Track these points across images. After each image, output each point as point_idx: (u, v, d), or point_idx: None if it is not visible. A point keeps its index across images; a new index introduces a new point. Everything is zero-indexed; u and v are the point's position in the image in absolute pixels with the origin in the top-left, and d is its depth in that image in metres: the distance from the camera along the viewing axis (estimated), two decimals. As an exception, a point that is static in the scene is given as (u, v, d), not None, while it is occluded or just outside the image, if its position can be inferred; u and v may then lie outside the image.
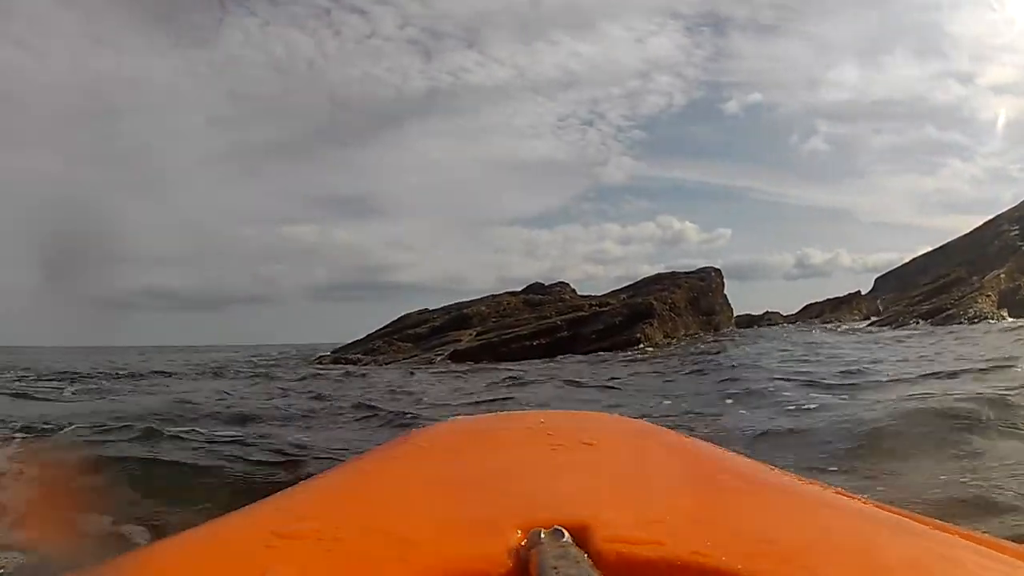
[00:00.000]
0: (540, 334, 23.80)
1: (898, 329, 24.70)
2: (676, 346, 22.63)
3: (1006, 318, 24.73)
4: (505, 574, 0.62)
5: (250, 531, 0.74)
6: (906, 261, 44.79)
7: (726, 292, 29.53)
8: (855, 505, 0.88)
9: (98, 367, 18.36)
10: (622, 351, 21.72)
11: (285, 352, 34.33)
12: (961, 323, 24.46)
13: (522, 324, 25.05)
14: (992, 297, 27.59)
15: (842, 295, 38.40)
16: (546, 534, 0.64)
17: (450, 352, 23.57)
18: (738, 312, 31.16)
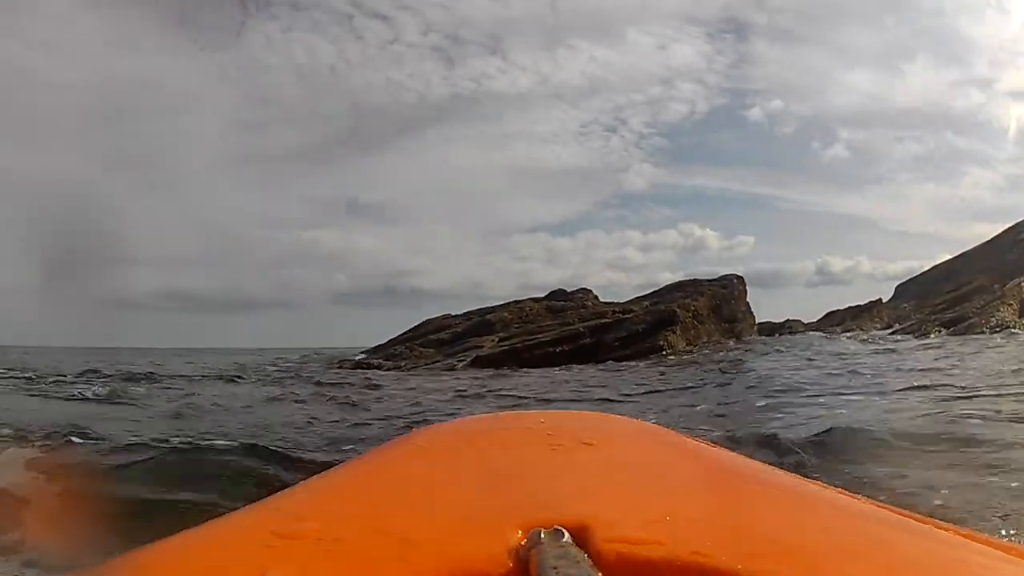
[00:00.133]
0: (563, 340, 23.80)
1: (921, 338, 24.55)
2: (699, 354, 22.58)
3: (1030, 326, 24.56)
4: (505, 574, 0.62)
5: (250, 531, 0.74)
6: (926, 269, 44.37)
7: (748, 300, 29.59)
8: (857, 505, 0.88)
9: (123, 367, 18.52)
10: (644, 359, 21.73)
11: (306, 356, 34.36)
12: (983, 332, 24.28)
13: (545, 330, 25.07)
14: (1014, 305, 27.31)
15: (863, 303, 38.07)
16: (546, 534, 0.65)
17: (472, 358, 23.65)
18: (759, 320, 31.11)
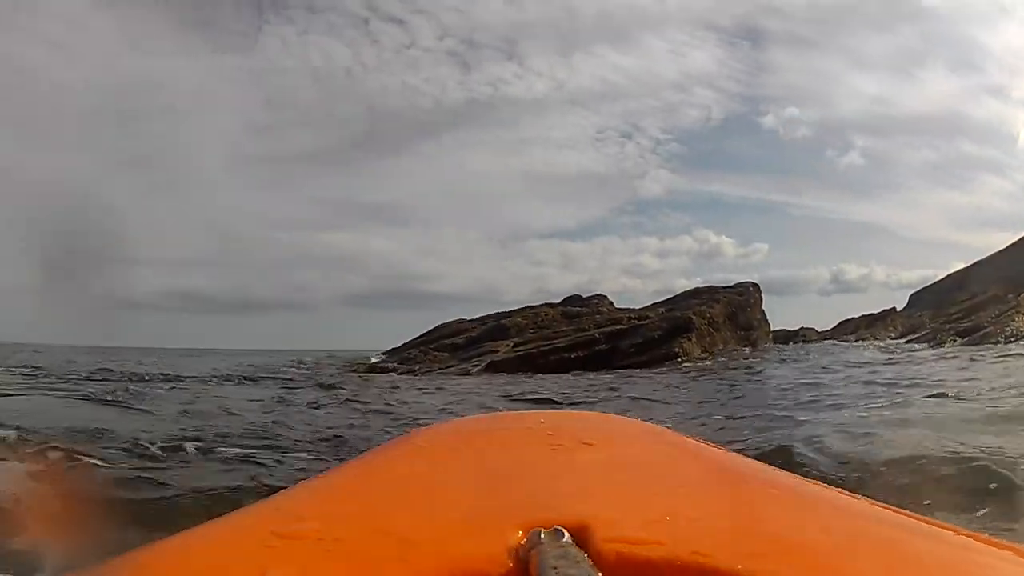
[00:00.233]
0: (578, 346, 23.79)
1: (937, 347, 24.37)
2: (715, 361, 22.46)
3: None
4: (505, 574, 0.62)
5: (250, 531, 0.74)
6: (940, 277, 44.25)
7: (763, 307, 29.49)
8: (857, 504, 0.88)
9: (133, 368, 18.38)
10: (659, 366, 21.62)
11: (319, 358, 34.31)
12: (998, 342, 24.09)
13: (560, 336, 25.07)
14: (1029, 315, 27.15)
15: (877, 311, 38.09)
16: (546, 534, 0.65)
17: (487, 363, 23.62)
18: (773, 327, 31.05)
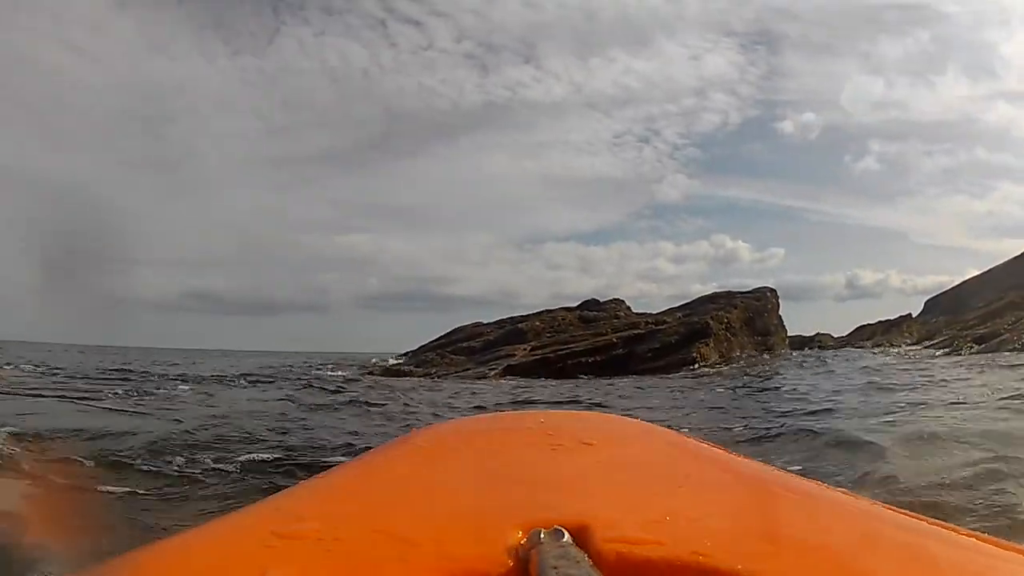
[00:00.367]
0: (595, 351, 23.84)
1: (954, 355, 24.26)
2: (733, 367, 22.38)
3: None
4: (505, 574, 0.62)
5: (250, 531, 0.74)
6: (956, 284, 44.06)
7: (780, 313, 29.45)
8: (858, 504, 0.88)
9: (150, 368, 18.41)
10: (676, 371, 21.61)
11: (335, 360, 34.37)
12: (1015, 349, 23.97)
13: (577, 340, 25.12)
14: (1046, 322, 26.99)
15: (893, 317, 38.09)
16: (546, 534, 0.65)
17: (504, 367, 23.64)
18: (789, 333, 30.98)
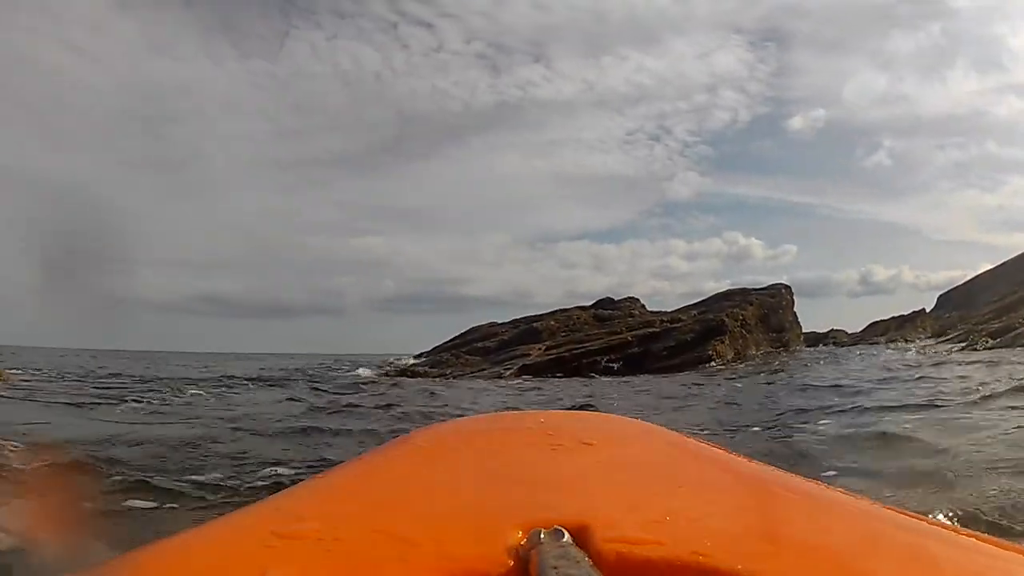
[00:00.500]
0: (611, 350, 23.85)
1: (969, 350, 24.13)
2: (750, 364, 22.34)
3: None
4: (505, 574, 0.62)
5: (250, 531, 0.74)
6: (969, 278, 43.93)
7: (795, 309, 29.38)
8: (859, 504, 0.87)
9: (164, 372, 18.59)
10: (692, 369, 21.58)
11: (350, 361, 34.42)
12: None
13: (592, 339, 25.11)
14: (1061, 316, 26.90)
15: (906, 313, 38.02)
16: (546, 534, 0.65)
17: (519, 366, 23.66)
18: (803, 329, 30.91)
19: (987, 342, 25.83)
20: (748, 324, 25.42)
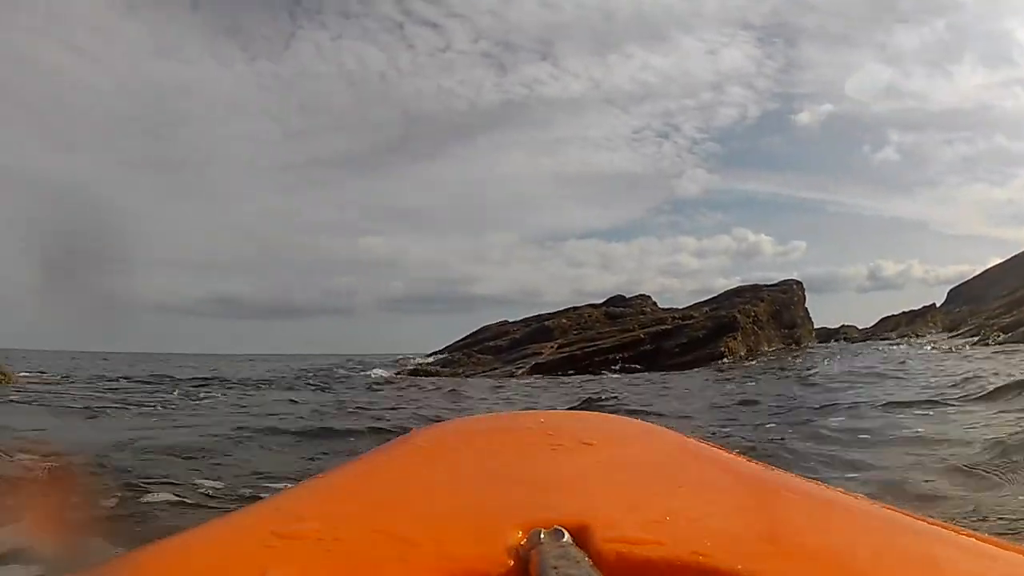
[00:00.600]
0: (622, 347, 23.84)
1: (982, 345, 24.05)
2: (763, 360, 22.30)
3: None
4: (505, 574, 0.62)
5: (250, 531, 0.74)
6: (978, 273, 43.79)
7: (806, 305, 29.29)
8: (859, 504, 0.87)
9: (174, 373, 18.52)
10: (705, 365, 21.55)
11: (362, 362, 34.40)
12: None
13: (604, 337, 25.09)
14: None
15: (917, 308, 37.89)
16: (546, 534, 0.65)
17: (532, 365, 23.67)
18: (814, 325, 30.83)
19: (999, 336, 25.78)
20: (760, 321, 25.36)
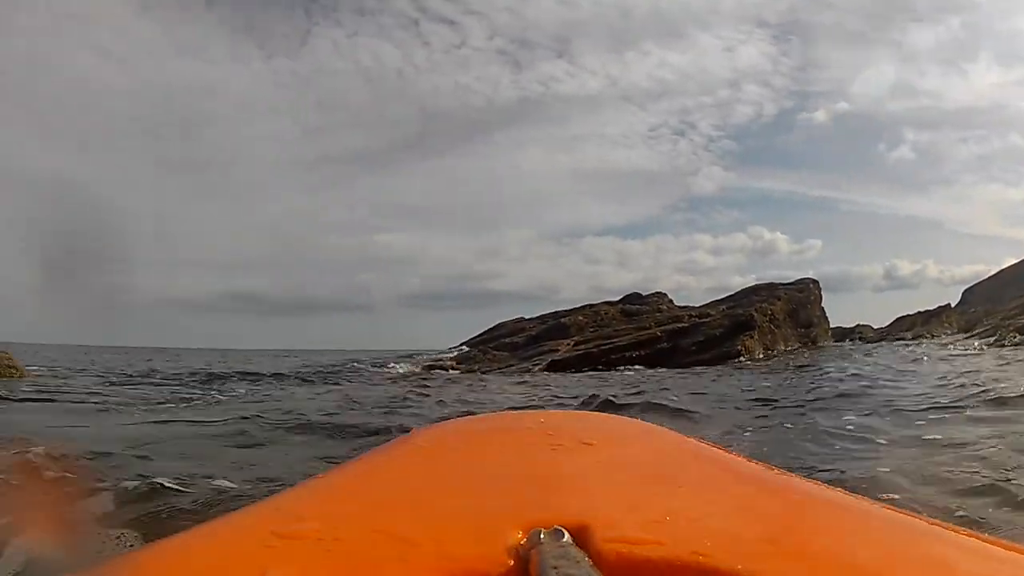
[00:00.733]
0: (639, 345, 23.79)
1: (997, 346, 23.90)
2: (779, 360, 22.24)
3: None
4: (505, 574, 0.62)
5: (250, 531, 0.74)
6: (993, 272, 43.58)
7: (822, 304, 29.25)
8: (859, 505, 0.87)
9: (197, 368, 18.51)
10: (722, 364, 21.53)
11: (377, 358, 34.42)
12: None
13: (620, 334, 24.94)
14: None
15: (932, 308, 37.70)
16: (546, 534, 0.65)
17: (548, 362, 23.70)
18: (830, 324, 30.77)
19: (1015, 337, 25.68)
20: (777, 319, 25.28)
